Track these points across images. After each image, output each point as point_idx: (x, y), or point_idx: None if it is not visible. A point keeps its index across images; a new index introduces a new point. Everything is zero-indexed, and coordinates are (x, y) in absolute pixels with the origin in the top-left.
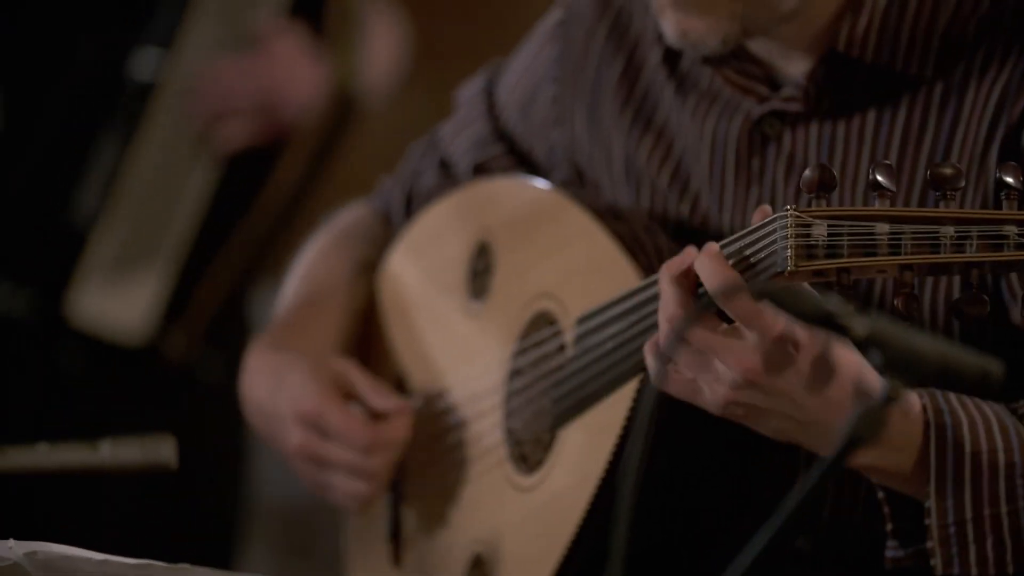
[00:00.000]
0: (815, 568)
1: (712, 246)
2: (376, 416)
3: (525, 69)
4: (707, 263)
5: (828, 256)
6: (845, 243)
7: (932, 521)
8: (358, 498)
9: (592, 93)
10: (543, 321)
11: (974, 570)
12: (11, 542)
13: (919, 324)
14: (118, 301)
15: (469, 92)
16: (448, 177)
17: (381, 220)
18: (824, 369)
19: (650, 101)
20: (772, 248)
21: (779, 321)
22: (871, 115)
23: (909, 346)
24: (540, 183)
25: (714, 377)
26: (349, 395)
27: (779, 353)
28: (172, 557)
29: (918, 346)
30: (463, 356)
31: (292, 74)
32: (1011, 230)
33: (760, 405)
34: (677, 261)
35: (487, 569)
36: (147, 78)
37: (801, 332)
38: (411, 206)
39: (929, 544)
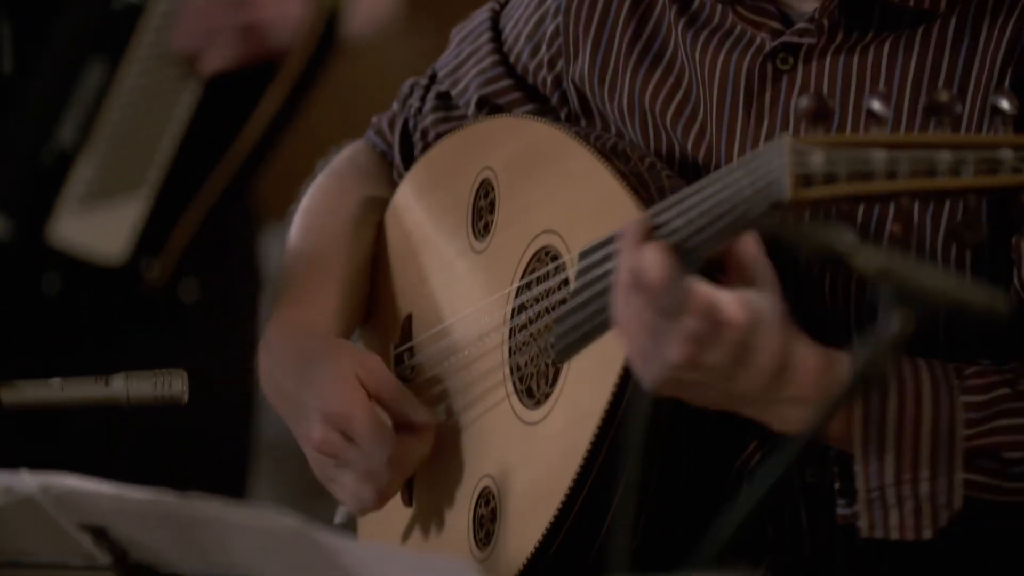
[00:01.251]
0: (824, 500)
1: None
2: (399, 423)
3: (531, 3)
4: (651, 256)
5: (825, 184)
6: (843, 171)
7: (859, 484)
8: (364, 503)
9: (599, 28)
10: (546, 256)
11: (894, 533)
12: (25, 473)
13: (917, 251)
14: (100, 223)
15: (468, 28)
16: (449, 111)
17: (378, 158)
18: (758, 347)
19: (659, 37)
20: (769, 178)
21: (715, 303)
22: (885, 50)
23: (917, 280)
24: (543, 121)
25: (658, 352)
26: (375, 397)
27: (714, 334)
28: (183, 489)
29: (926, 280)
30: (468, 294)
31: (279, 5)
32: (1007, 155)
33: (696, 381)
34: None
35: (496, 504)
36: (134, 0)
37: (734, 309)
38: (409, 143)
39: (857, 507)
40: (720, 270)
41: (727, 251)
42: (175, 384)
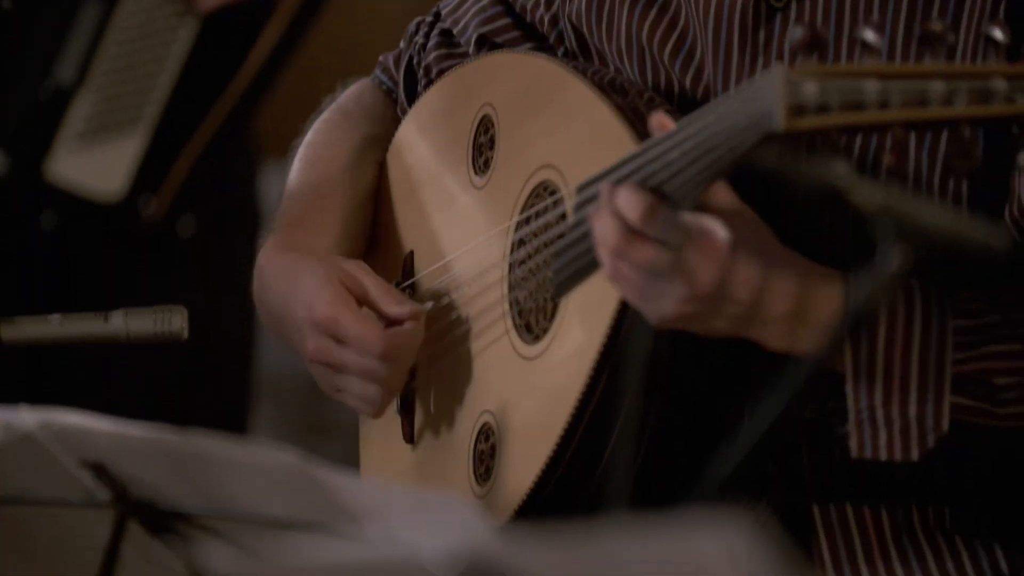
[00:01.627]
0: (822, 433)
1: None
2: (390, 321)
3: None
4: (628, 198)
5: (818, 114)
6: (835, 101)
7: (849, 404)
8: (372, 403)
9: None
10: (544, 191)
11: (883, 453)
12: (24, 410)
13: (913, 185)
14: (98, 161)
15: None
16: (451, 48)
17: (384, 96)
18: (767, 264)
19: None
20: (762, 108)
21: (715, 234)
22: None
23: (916, 215)
24: (542, 56)
25: (658, 293)
26: (362, 300)
27: (715, 262)
28: (183, 425)
29: (925, 216)
30: (469, 230)
31: None
32: (1000, 84)
33: (705, 313)
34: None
35: (495, 439)
36: None
37: (728, 237)
38: (414, 80)
39: (847, 427)
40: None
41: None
42: (175, 320)
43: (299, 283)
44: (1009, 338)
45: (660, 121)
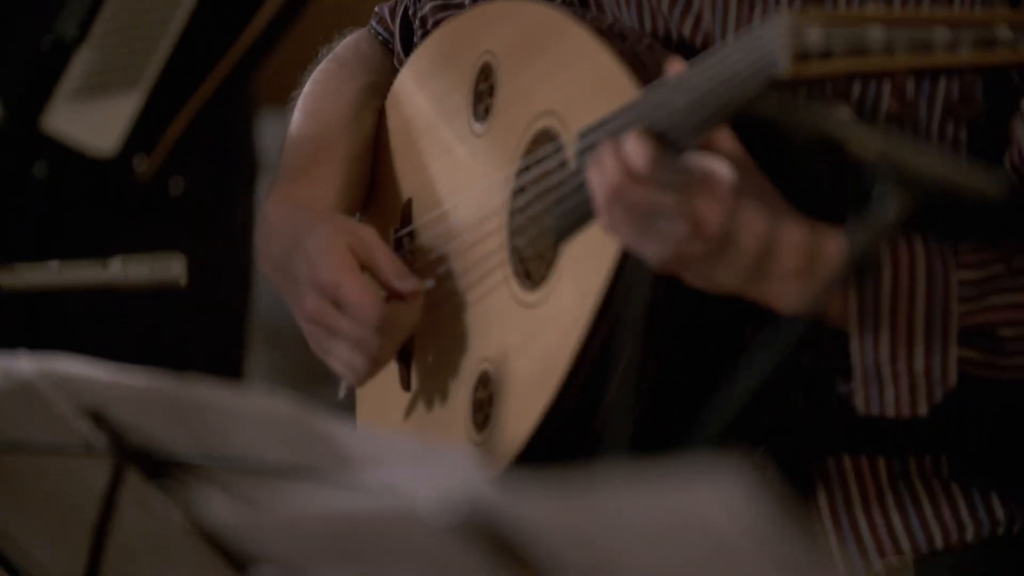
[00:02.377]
0: (820, 384)
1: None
2: (391, 293)
3: None
4: (633, 145)
5: (822, 59)
6: (840, 47)
7: (854, 361)
8: (357, 372)
9: None
10: (545, 138)
11: (889, 409)
12: (23, 357)
13: (913, 131)
14: (94, 116)
15: None
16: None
17: (380, 46)
18: (772, 213)
19: None
20: (766, 55)
21: (713, 175)
22: None
23: (914, 163)
24: (542, 4)
25: (657, 233)
26: (366, 266)
27: (721, 205)
28: (180, 372)
29: (923, 163)
30: (468, 178)
31: None
32: (1004, 31)
33: (705, 255)
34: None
35: (494, 387)
36: None
37: (734, 177)
38: (410, 31)
39: (853, 385)
40: None
41: (708, 143)
42: (173, 268)
43: (305, 240)
44: (1013, 289)
45: (674, 65)
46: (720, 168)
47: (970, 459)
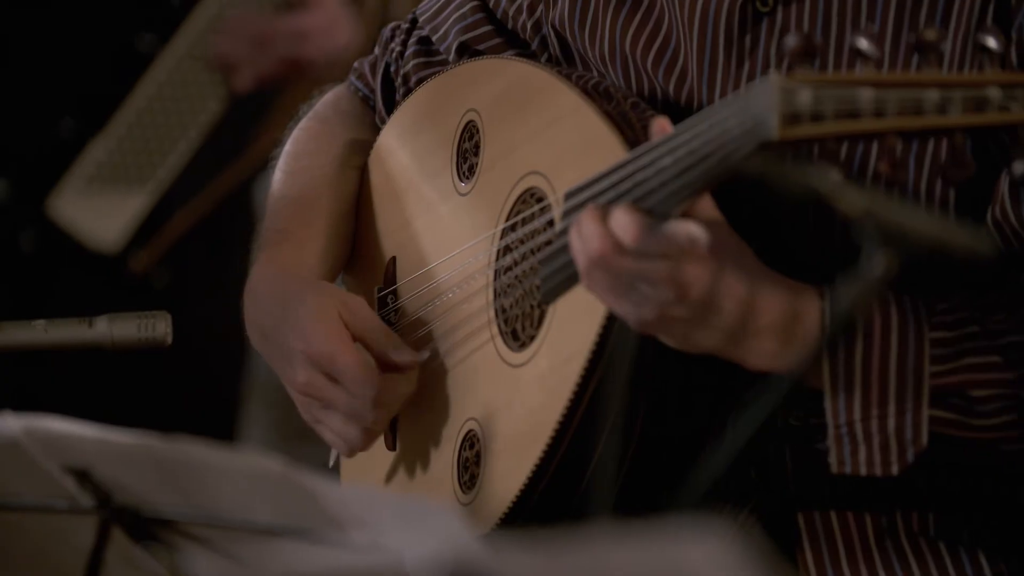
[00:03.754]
0: (806, 441)
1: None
2: (384, 364)
3: None
4: (622, 220)
5: (813, 122)
6: (830, 109)
7: (828, 420)
8: (352, 444)
9: None
10: (531, 198)
11: (863, 469)
12: (9, 415)
13: (902, 191)
14: (100, 208)
15: None
16: (430, 57)
17: (361, 103)
18: (750, 278)
19: None
20: (756, 117)
21: (696, 242)
22: None
23: (900, 221)
24: (526, 61)
25: (639, 296)
26: (358, 337)
27: (703, 270)
28: (174, 431)
29: (909, 221)
30: (453, 237)
31: (331, 42)
32: (994, 92)
33: (685, 318)
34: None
35: (480, 447)
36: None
37: (714, 247)
38: (391, 88)
39: (827, 443)
40: None
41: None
42: (159, 326)
43: (296, 311)
44: (987, 350)
45: (661, 125)
46: (701, 233)
47: (955, 516)
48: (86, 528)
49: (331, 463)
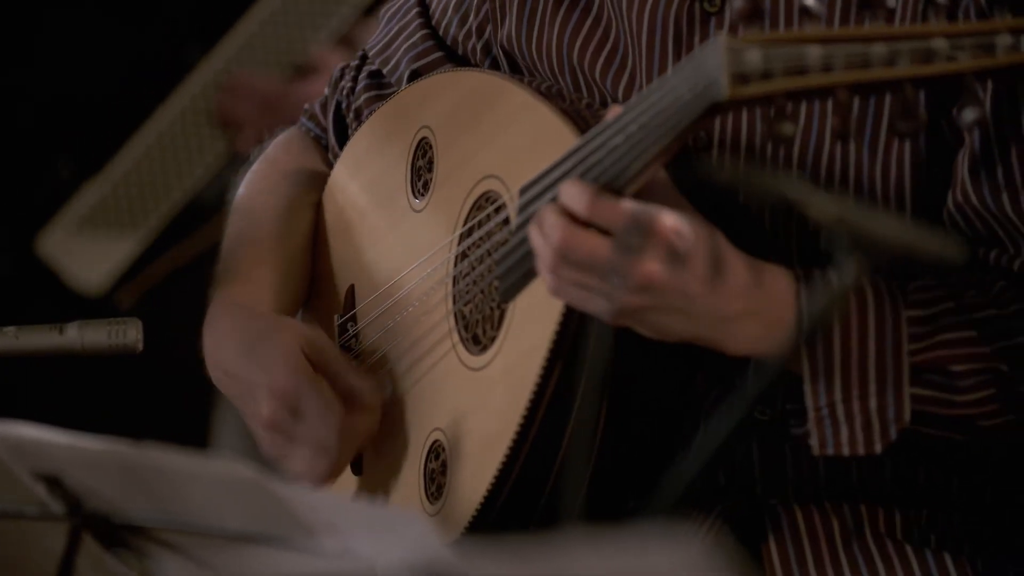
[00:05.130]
0: (773, 436)
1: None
2: (346, 397)
3: None
4: (571, 191)
5: (762, 80)
6: (779, 67)
7: (808, 403)
8: (319, 478)
9: None
10: (486, 202)
11: (845, 449)
12: None
13: (857, 147)
14: (88, 250)
15: (396, 5)
16: (381, 89)
17: (313, 142)
18: (716, 258)
19: None
20: (707, 79)
21: (662, 218)
22: None
23: (871, 228)
24: (478, 70)
25: (607, 288)
26: (322, 370)
27: (670, 250)
28: (147, 437)
29: (879, 228)
30: (410, 254)
31: None
32: (940, 43)
33: (655, 305)
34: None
35: (446, 456)
36: (192, 58)
37: (685, 223)
38: (343, 124)
39: (807, 426)
40: None
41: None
42: (129, 333)
43: (259, 346)
44: (962, 325)
45: (615, 110)
46: (664, 215)
47: (922, 517)
48: (57, 534)
49: None
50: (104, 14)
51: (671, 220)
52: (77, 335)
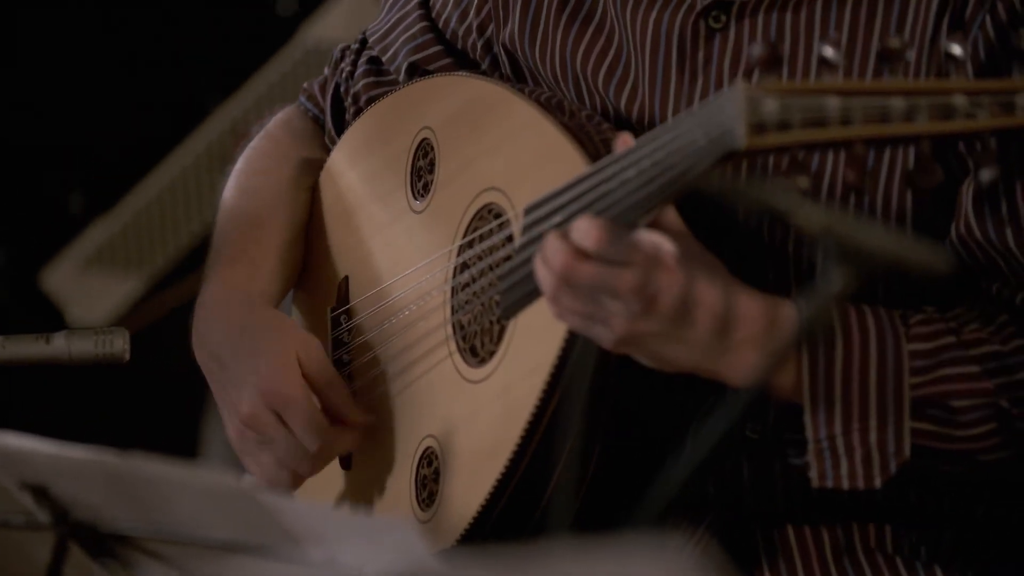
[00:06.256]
0: (764, 455)
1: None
2: (331, 415)
3: None
4: (583, 225)
5: (779, 131)
6: (796, 118)
7: (808, 435)
8: (278, 485)
9: None
10: (488, 214)
11: (845, 483)
12: None
13: (871, 199)
14: (94, 287)
15: None
16: (380, 76)
17: (311, 122)
18: (720, 290)
19: None
20: (723, 126)
21: (662, 250)
22: (818, 4)
23: (858, 237)
24: (480, 77)
25: (608, 313)
26: (310, 382)
27: (672, 279)
28: (136, 447)
29: (867, 237)
30: (408, 254)
31: None
32: (960, 100)
33: (658, 334)
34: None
35: (439, 464)
36: (211, 104)
37: (682, 256)
38: (341, 108)
39: (807, 457)
40: None
41: (654, 222)
42: (116, 342)
43: (255, 342)
44: (964, 359)
45: (624, 140)
46: (668, 244)
47: (913, 531)
48: (43, 544)
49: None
50: (129, 55)
51: (677, 249)
52: (64, 344)
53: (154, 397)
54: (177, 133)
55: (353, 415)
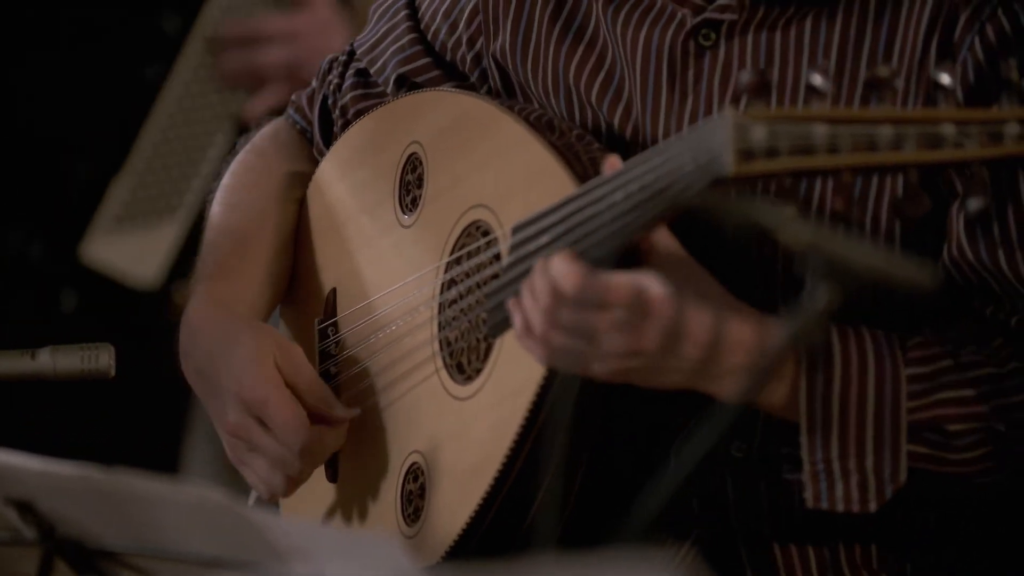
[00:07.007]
0: (749, 473)
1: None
2: (315, 415)
3: None
4: (561, 267)
5: (768, 158)
6: (784, 145)
7: (804, 457)
8: (274, 490)
9: (519, 5)
10: (476, 231)
11: (840, 505)
12: None
13: (859, 225)
14: (134, 245)
15: (386, 4)
16: (368, 88)
17: (299, 135)
18: (709, 319)
19: (580, 13)
20: (711, 153)
21: (649, 292)
22: (807, 25)
23: (844, 254)
24: (470, 94)
25: (599, 351)
26: (291, 385)
27: (655, 320)
28: (118, 462)
29: (853, 253)
30: (395, 269)
31: (325, 44)
32: (948, 129)
33: (650, 366)
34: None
35: (425, 479)
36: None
37: (668, 292)
38: (329, 120)
39: (803, 477)
40: (636, 260)
41: (645, 242)
42: (101, 358)
43: (232, 351)
44: (960, 383)
45: (612, 163)
46: (655, 285)
47: (898, 549)
48: (29, 560)
49: (250, 503)
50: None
51: (661, 288)
52: (49, 360)
53: (138, 412)
54: (161, 68)
55: (336, 411)
